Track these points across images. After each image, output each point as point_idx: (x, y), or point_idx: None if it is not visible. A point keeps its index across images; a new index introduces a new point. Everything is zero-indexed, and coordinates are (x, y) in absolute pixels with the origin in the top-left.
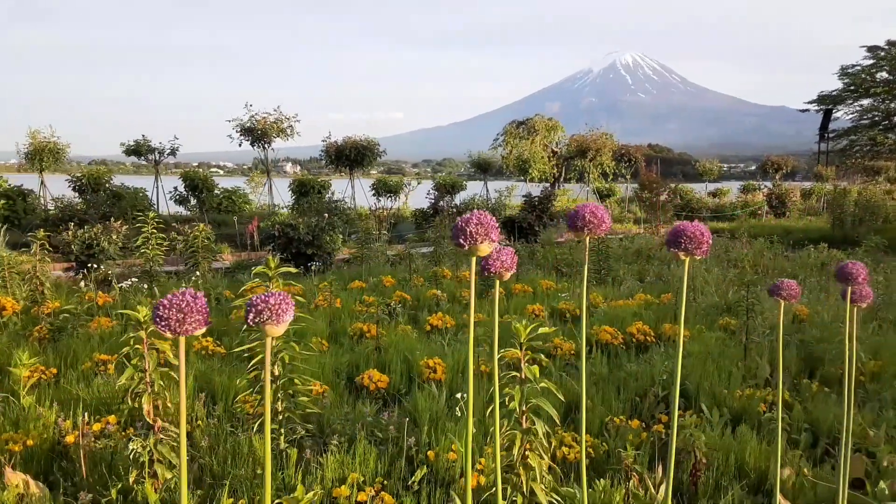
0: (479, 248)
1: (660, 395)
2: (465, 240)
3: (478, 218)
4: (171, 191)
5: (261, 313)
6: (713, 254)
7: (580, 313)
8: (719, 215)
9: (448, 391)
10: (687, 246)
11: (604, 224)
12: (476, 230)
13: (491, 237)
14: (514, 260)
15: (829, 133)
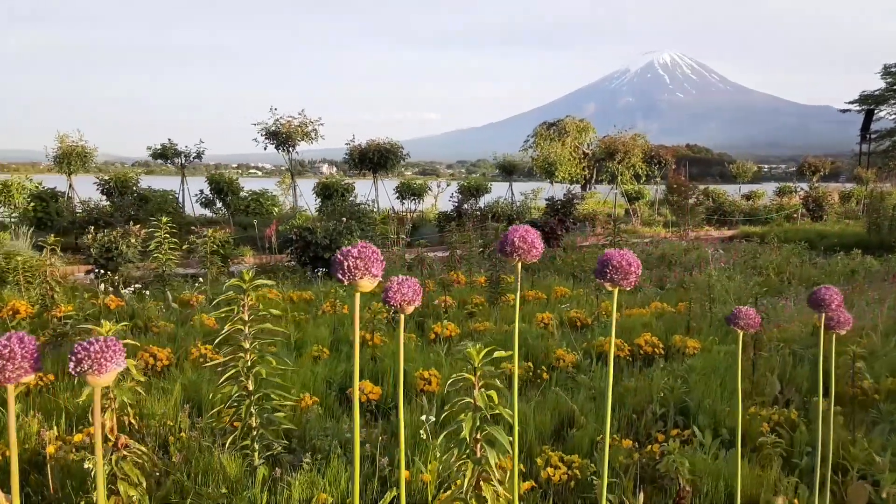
0: (360, 283)
1: (658, 413)
2: (344, 275)
3: (359, 251)
4: (196, 193)
5: (80, 362)
6: (738, 259)
7: (590, 322)
8: (753, 218)
9: (440, 404)
10: (613, 276)
11: (534, 250)
12: (355, 265)
13: (372, 272)
14: (419, 292)
15: (871, 134)
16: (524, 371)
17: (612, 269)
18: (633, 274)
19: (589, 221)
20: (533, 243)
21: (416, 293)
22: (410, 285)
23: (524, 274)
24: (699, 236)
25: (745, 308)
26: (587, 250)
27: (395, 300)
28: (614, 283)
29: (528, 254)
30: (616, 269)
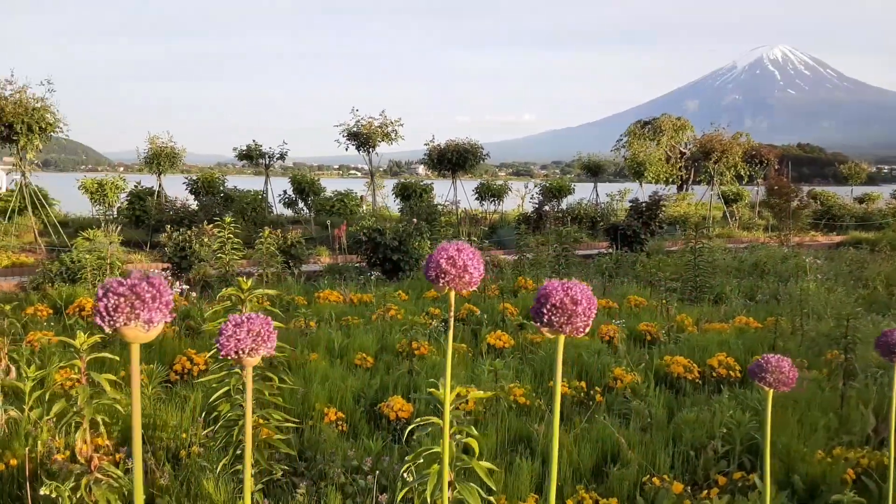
0: (125, 332)
1: (720, 451)
2: (103, 319)
3: (130, 286)
4: (280, 194)
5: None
6: (842, 270)
7: (661, 337)
8: (865, 223)
9: (477, 426)
10: (552, 318)
11: (466, 275)
12: (117, 306)
13: (144, 317)
14: (268, 336)
15: None
16: (575, 393)
17: (550, 308)
18: (581, 315)
19: (680, 225)
20: (465, 267)
21: (262, 338)
22: (253, 327)
23: (599, 281)
24: (802, 242)
25: (775, 357)
26: (673, 256)
27: (229, 348)
28: (553, 327)
29: (458, 280)
30: (556, 308)
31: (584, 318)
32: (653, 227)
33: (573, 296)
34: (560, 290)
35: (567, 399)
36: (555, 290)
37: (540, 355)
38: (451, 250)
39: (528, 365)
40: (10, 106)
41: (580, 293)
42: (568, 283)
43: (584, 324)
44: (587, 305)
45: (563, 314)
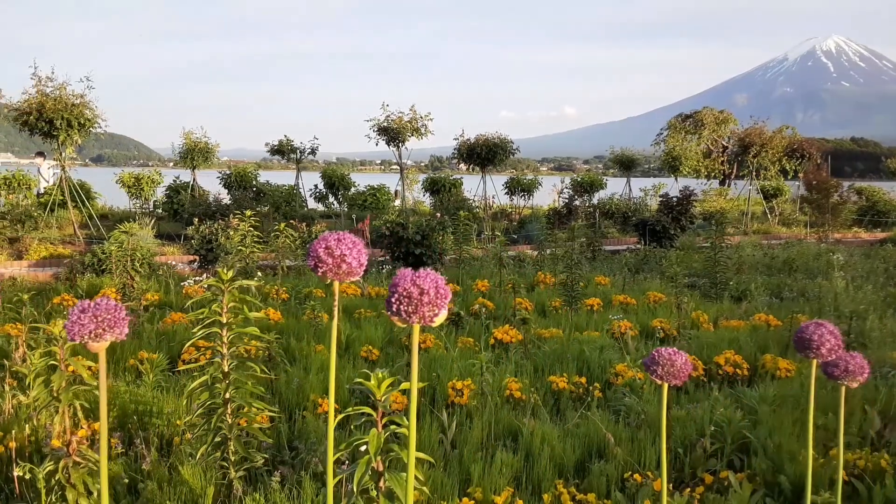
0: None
1: (709, 449)
2: None
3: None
4: (311, 188)
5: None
6: (875, 268)
7: (676, 333)
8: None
9: (466, 419)
10: (400, 308)
11: (344, 264)
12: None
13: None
14: (115, 322)
15: None
16: (573, 388)
17: (398, 297)
18: (428, 305)
19: (716, 220)
20: (342, 257)
21: (108, 324)
22: (98, 313)
23: (620, 276)
24: (844, 238)
25: (668, 350)
26: (703, 252)
27: (73, 333)
28: (401, 317)
29: (336, 270)
30: (403, 297)
31: (431, 308)
32: (683, 222)
33: (420, 285)
34: (408, 280)
35: (565, 394)
36: (403, 279)
37: (544, 350)
38: (330, 240)
39: (530, 359)
40: (51, 102)
41: (429, 283)
42: (420, 273)
43: (431, 313)
44: (435, 295)
45: (410, 304)
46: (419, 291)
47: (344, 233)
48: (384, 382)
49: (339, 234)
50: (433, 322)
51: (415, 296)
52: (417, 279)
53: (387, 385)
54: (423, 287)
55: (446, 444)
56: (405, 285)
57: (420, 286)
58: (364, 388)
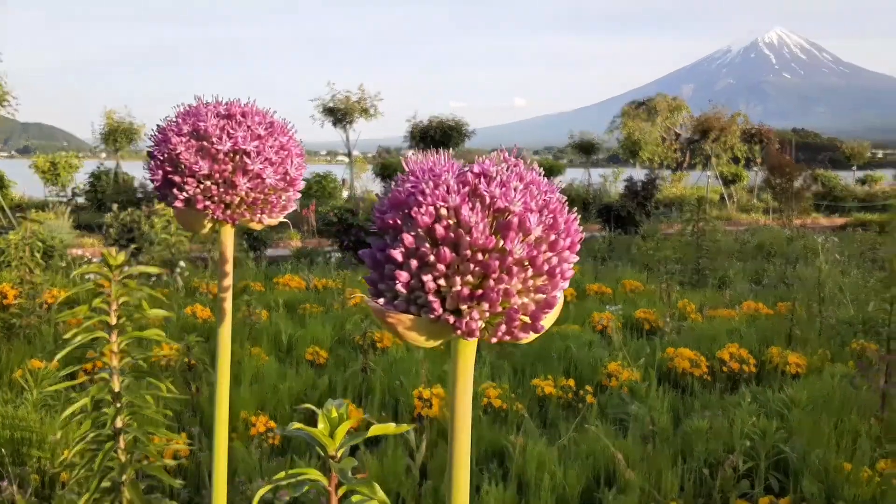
0: None
1: (741, 468)
2: None
3: None
4: None
5: None
6: (853, 252)
7: (662, 325)
8: (868, 205)
9: (439, 437)
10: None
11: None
12: None
13: None
14: None
15: None
16: (562, 393)
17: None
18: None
19: (677, 207)
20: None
21: None
22: None
23: (591, 264)
24: (805, 224)
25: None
26: (671, 238)
27: None
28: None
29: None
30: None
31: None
32: (648, 207)
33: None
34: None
35: (552, 401)
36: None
37: (521, 348)
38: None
39: (508, 359)
40: None
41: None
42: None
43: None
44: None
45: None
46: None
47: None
48: (341, 427)
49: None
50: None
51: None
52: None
53: (346, 430)
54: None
55: (415, 470)
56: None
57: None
58: (306, 400)
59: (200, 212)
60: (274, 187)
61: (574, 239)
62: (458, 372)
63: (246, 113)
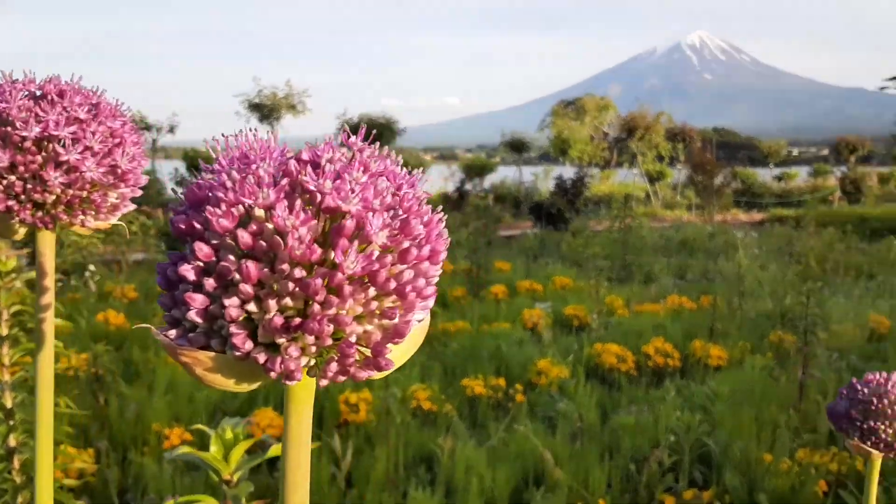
0: None
1: (666, 463)
2: None
3: None
4: (171, 172)
5: None
6: (772, 246)
7: (590, 321)
8: (785, 201)
9: (366, 443)
10: None
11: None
12: None
13: None
14: None
15: None
16: (492, 393)
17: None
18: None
19: (605, 204)
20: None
21: None
22: None
23: (521, 261)
24: (726, 220)
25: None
26: (600, 235)
27: None
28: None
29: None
30: None
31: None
32: (578, 205)
33: None
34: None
35: (483, 401)
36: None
37: (452, 348)
38: None
39: (438, 360)
40: None
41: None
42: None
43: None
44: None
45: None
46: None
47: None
48: (237, 448)
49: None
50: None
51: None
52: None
53: (243, 452)
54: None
55: (340, 479)
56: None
57: None
58: (225, 410)
59: (5, 213)
60: (98, 182)
61: (437, 247)
62: (289, 424)
63: (64, 92)
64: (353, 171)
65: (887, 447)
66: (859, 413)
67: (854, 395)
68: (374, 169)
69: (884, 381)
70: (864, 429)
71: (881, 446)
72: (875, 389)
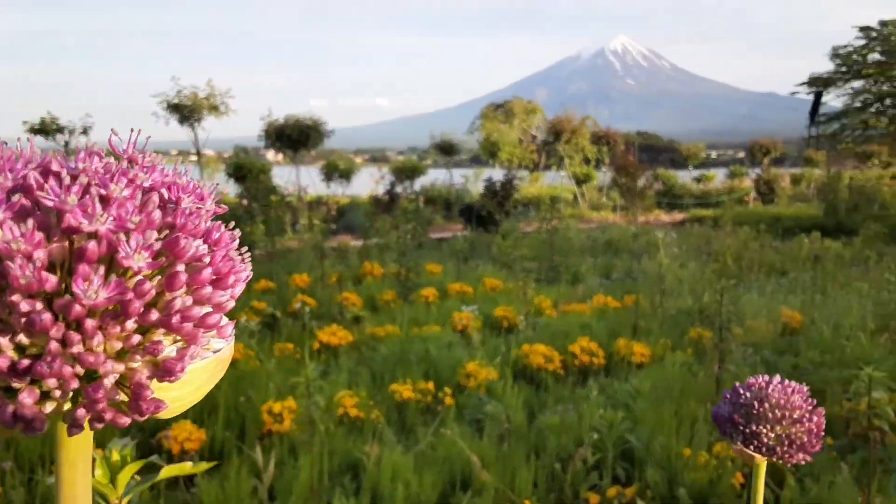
0: None
1: (590, 460)
2: None
3: None
4: None
5: None
6: (691, 245)
7: (519, 322)
8: (703, 202)
9: (290, 454)
10: None
11: None
12: None
13: None
14: None
15: (820, 117)
16: (421, 397)
17: None
18: None
19: (535, 206)
20: None
21: None
22: None
23: (452, 264)
24: (649, 221)
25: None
26: (529, 236)
27: None
28: None
29: None
30: None
31: None
32: (507, 207)
33: None
34: None
35: (411, 406)
36: None
37: (381, 353)
38: None
39: (366, 365)
40: None
41: None
42: None
43: None
44: None
45: None
46: None
47: None
48: (124, 472)
49: None
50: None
51: None
52: None
53: (131, 475)
54: None
55: (262, 492)
56: None
57: None
58: (141, 424)
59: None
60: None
61: (221, 269)
62: (59, 477)
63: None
64: (112, 184)
65: (769, 451)
66: (742, 417)
67: (737, 399)
68: (145, 181)
69: (765, 385)
70: (747, 433)
71: (763, 450)
72: (756, 393)
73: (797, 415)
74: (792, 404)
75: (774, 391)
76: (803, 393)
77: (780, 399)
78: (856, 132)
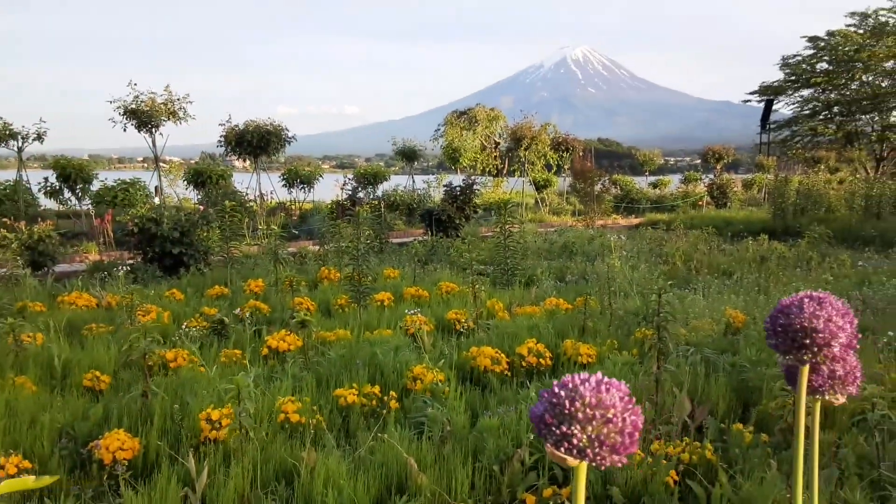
0: None
1: (528, 462)
2: None
3: None
4: (40, 182)
5: None
6: (643, 248)
7: (472, 325)
8: (659, 206)
9: (219, 462)
10: None
11: None
12: None
13: None
14: None
15: (771, 124)
16: (365, 401)
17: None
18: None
19: (496, 211)
20: None
21: None
22: None
23: (410, 268)
24: (606, 224)
25: None
26: (488, 241)
27: None
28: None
29: None
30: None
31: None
32: (467, 211)
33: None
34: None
35: (355, 410)
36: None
37: (329, 358)
38: None
39: (312, 370)
40: None
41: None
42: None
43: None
44: None
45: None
46: None
47: None
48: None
49: None
50: None
51: None
52: None
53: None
54: None
55: (194, 501)
56: None
57: None
58: (74, 433)
59: None
60: None
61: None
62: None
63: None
64: None
65: (580, 453)
66: (554, 417)
67: (552, 397)
68: None
69: (578, 383)
70: (558, 434)
71: (574, 453)
72: (569, 392)
73: (610, 414)
74: (604, 403)
75: (586, 389)
76: (622, 391)
77: (591, 398)
78: (805, 139)
